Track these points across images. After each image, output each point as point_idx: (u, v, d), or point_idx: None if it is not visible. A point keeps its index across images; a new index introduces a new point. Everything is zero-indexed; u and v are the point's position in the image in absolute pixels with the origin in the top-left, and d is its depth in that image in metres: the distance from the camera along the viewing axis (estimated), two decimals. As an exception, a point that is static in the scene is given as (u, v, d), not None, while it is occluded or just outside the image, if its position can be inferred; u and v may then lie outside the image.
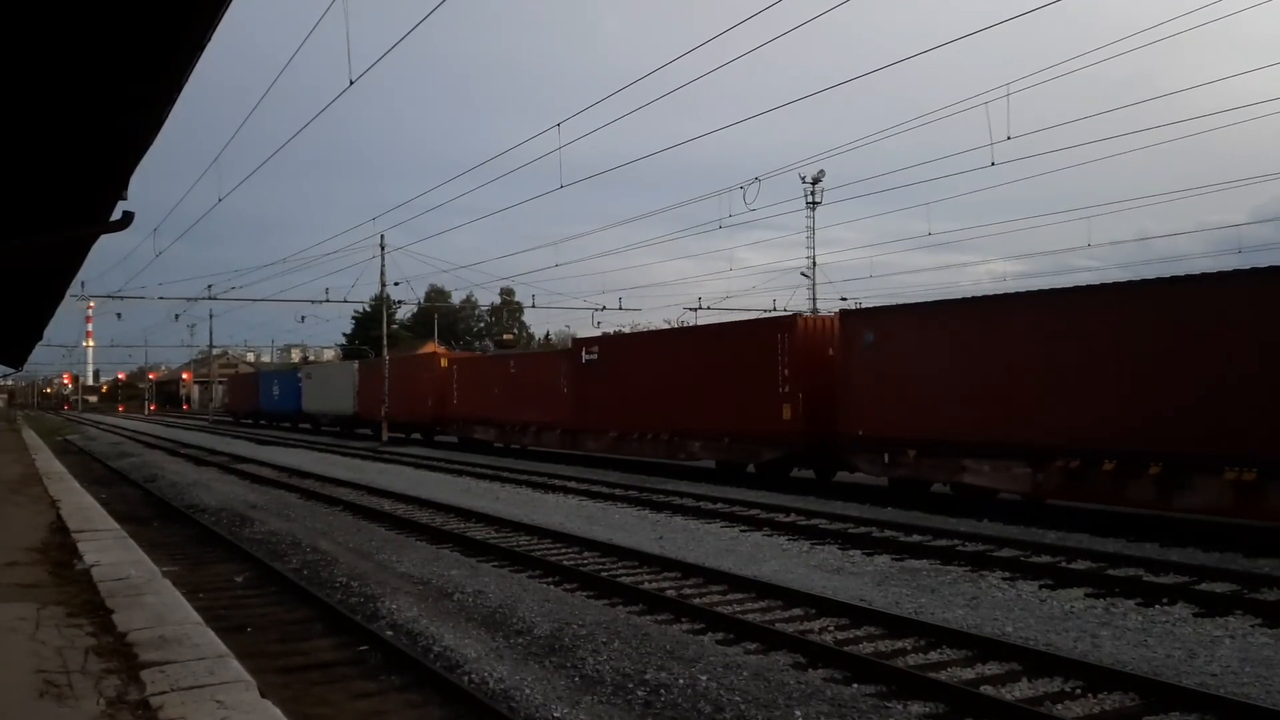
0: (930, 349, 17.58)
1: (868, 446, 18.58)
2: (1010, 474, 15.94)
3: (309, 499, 20.55)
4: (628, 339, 31.99)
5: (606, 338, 32.37)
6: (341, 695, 7.27)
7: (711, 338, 24.91)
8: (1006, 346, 16.14)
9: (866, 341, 18.71)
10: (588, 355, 28.98)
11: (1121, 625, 9.08)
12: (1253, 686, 7.19)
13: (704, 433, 23.46)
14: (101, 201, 7.89)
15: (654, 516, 17.00)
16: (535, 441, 32.10)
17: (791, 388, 20.58)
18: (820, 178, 45.83)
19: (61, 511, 13.43)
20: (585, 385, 28.69)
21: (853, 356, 19.09)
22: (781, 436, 20.90)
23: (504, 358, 39.91)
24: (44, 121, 5.96)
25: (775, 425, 20.80)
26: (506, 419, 33.58)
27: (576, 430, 29.10)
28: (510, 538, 14.72)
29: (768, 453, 21.54)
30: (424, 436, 41.97)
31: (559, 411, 29.91)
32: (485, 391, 35.13)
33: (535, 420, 31.55)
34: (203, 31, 4.46)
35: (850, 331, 19.37)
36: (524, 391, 32.34)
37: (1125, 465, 14.08)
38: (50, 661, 5.76)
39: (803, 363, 20.49)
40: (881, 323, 18.96)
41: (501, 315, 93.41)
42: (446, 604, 10.04)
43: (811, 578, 11.37)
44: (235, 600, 10.65)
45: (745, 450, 22.28)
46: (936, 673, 7.55)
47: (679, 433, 24.36)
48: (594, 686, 7.24)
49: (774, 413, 20.78)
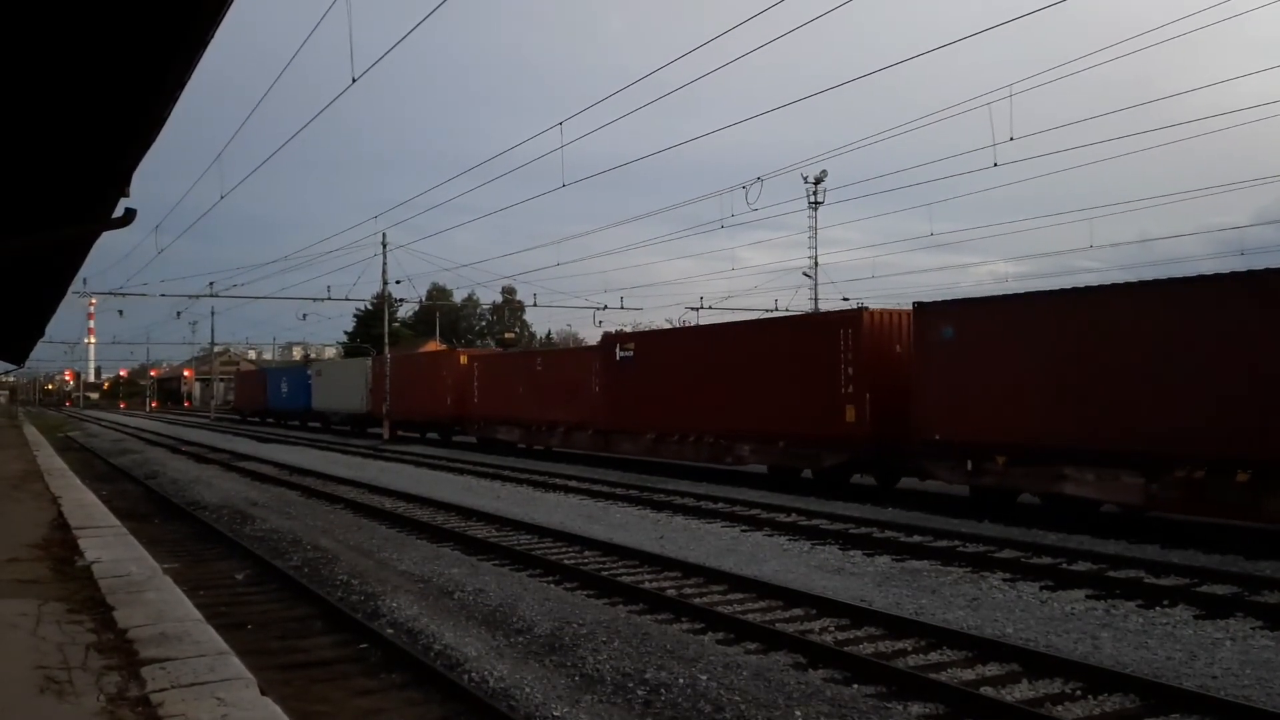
0: (1025, 344, 15.79)
1: (946, 452, 16.92)
2: (1118, 484, 14.32)
3: (310, 497, 20.56)
4: (667, 335, 29.88)
5: (643, 333, 30.60)
6: (342, 693, 7.27)
7: (764, 334, 23.09)
8: (1120, 341, 14.42)
9: (945, 336, 17.06)
10: (622, 352, 27.39)
11: (1122, 627, 9.08)
12: (1253, 689, 7.19)
13: (755, 435, 21.87)
14: (103, 198, 7.89)
15: (654, 516, 17.00)
16: (564, 443, 30.61)
17: (856, 388, 19.10)
18: (822, 178, 45.81)
19: (63, 508, 13.44)
20: (619, 384, 27.24)
21: (928, 353, 17.42)
22: (844, 440, 19.36)
23: (530, 355, 38.69)
24: (46, 119, 5.97)
25: (837, 428, 19.31)
26: (532, 419, 32.17)
27: (610, 431, 27.64)
28: (511, 536, 14.72)
29: (828, 458, 19.91)
30: (442, 436, 40.69)
31: (590, 411, 28.52)
32: (509, 390, 33.72)
33: (564, 420, 30.16)
34: (206, 29, 4.46)
35: (926, 326, 17.61)
36: (552, 390, 30.85)
37: (1264, 476, 12.50)
38: (51, 658, 5.76)
39: (868, 361, 19.01)
40: (964, 316, 17.11)
41: (503, 314, 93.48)
42: (447, 602, 10.05)
43: (812, 578, 11.37)
44: (236, 597, 10.66)
45: (802, 455, 20.67)
46: (937, 673, 7.55)
47: (726, 435, 22.82)
48: (594, 686, 7.24)
49: (836, 415, 19.30)
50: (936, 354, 17.24)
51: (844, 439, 19.36)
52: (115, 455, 33.92)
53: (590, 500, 19.45)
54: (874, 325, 19.42)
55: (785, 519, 16.00)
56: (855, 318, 19.69)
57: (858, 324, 19.42)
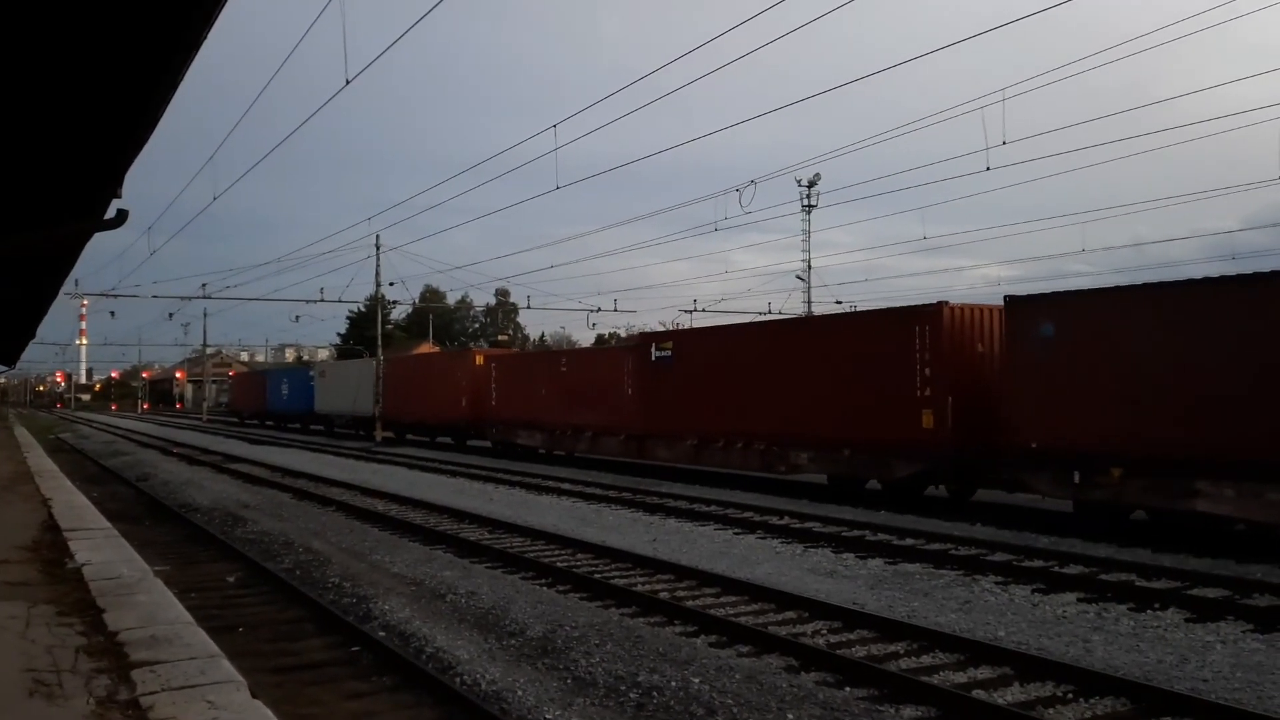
0: (1150, 341, 14.06)
1: (1047, 462, 15.15)
2: (1263, 500, 12.68)
3: (302, 499, 20.52)
4: (711, 333, 27.67)
5: (682, 332, 28.88)
6: (333, 696, 7.25)
7: (826, 331, 21.16)
8: None
9: (1044, 334, 15.39)
10: (659, 352, 25.64)
11: (1113, 630, 9.10)
12: (1244, 692, 7.21)
13: (814, 442, 20.02)
14: (96, 199, 7.86)
15: (647, 518, 16.99)
16: (592, 449, 28.79)
17: (934, 390, 17.49)
18: (816, 181, 45.99)
19: (53, 510, 13.40)
20: (655, 385, 25.49)
21: (1023, 352, 15.73)
22: (920, 448, 17.70)
23: (554, 355, 36.99)
24: (38, 119, 5.94)
25: (912, 434, 17.70)
26: (556, 423, 30.21)
27: (644, 436, 25.80)
28: (503, 539, 14.70)
29: (901, 467, 18.23)
30: (456, 441, 38.98)
31: (622, 415, 26.70)
32: (530, 392, 31.69)
33: (592, 424, 28.29)
34: (199, 30, 4.45)
35: (1020, 322, 15.93)
36: (579, 392, 28.98)
37: None
38: (40, 660, 5.74)
39: (948, 360, 17.42)
40: (1068, 310, 15.36)
41: (497, 316, 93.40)
42: (439, 605, 10.03)
43: (805, 581, 11.37)
44: (227, 600, 10.62)
45: (871, 464, 18.96)
46: (929, 676, 7.56)
47: (779, 442, 20.87)
48: (587, 688, 7.23)
49: (910, 420, 17.71)
50: (1033, 353, 15.56)
51: (920, 446, 17.73)
52: (106, 457, 33.81)
53: (583, 503, 19.44)
54: (954, 321, 17.75)
55: (778, 522, 16.01)
56: (934, 313, 17.87)
57: (936, 320, 17.71)
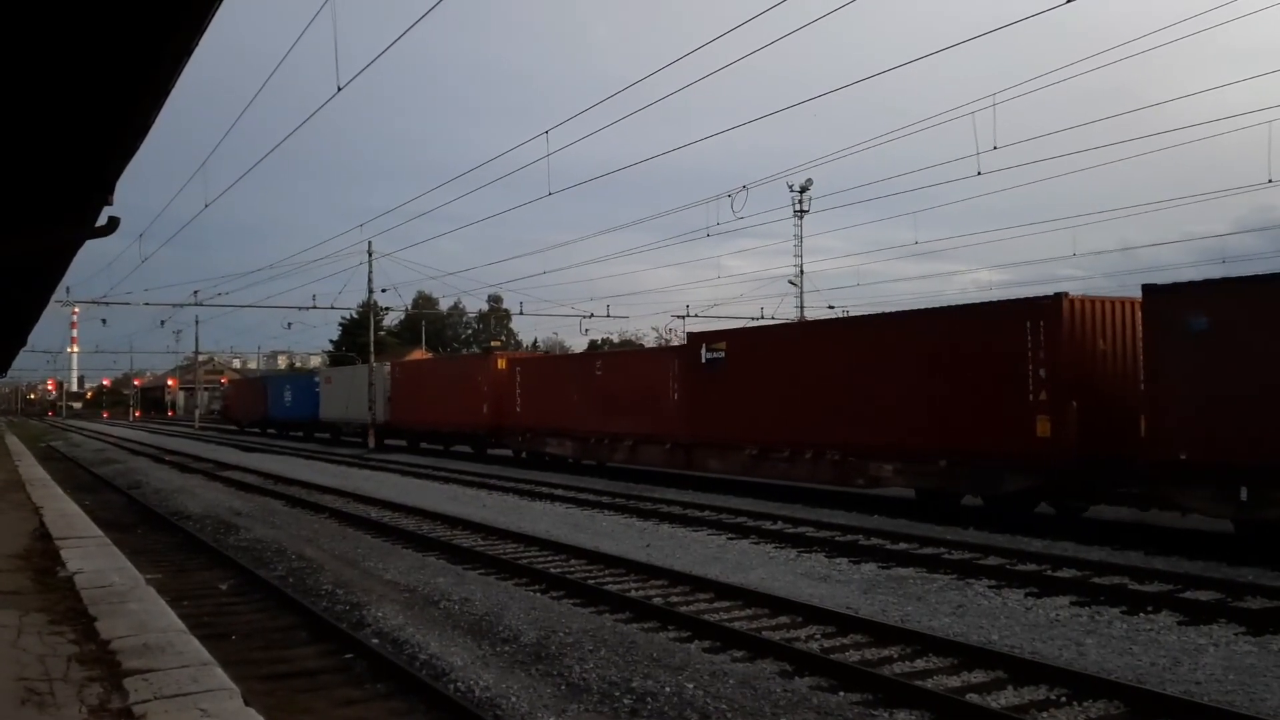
0: None
1: (1203, 476, 13.17)
2: None
3: (294, 506, 20.46)
4: (772, 331, 25.51)
5: (737, 331, 26.92)
6: (326, 703, 7.24)
7: (918, 329, 18.55)
8: None
9: (1196, 327, 13.50)
10: (710, 353, 23.60)
11: (1106, 633, 9.12)
12: (1236, 694, 7.23)
13: (901, 452, 17.92)
14: (87, 206, 7.85)
15: (641, 524, 16.99)
16: (631, 458, 26.66)
17: (1053, 394, 15.37)
18: (808, 186, 46.06)
19: (44, 518, 13.35)
20: (707, 390, 23.38)
21: (1170, 350, 13.79)
22: (1035, 459, 15.52)
23: (588, 357, 35.05)
24: (28, 125, 5.93)
25: (1025, 444, 15.58)
26: (590, 430, 28.04)
27: (692, 445, 23.83)
28: (497, 545, 14.68)
29: (1012, 481, 16.10)
30: (475, 450, 36.60)
31: (667, 422, 24.70)
32: (560, 398, 29.54)
33: (631, 432, 26.22)
34: (190, 38, 4.45)
35: (1164, 315, 13.89)
36: (616, 398, 26.98)
37: None
38: (32, 669, 5.72)
39: (1069, 360, 15.40)
40: (1227, 300, 13.31)
41: (489, 322, 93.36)
42: (432, 611, 10.02)
43: (798, 585, 11.38)
44: (219, 608, 10.59)
45: (972, 477, 16.78)
46: (922, 680, 7.57)
47: (857, 451, 18.82)
48: (580, 694, 7.22)
49: (1022, 427, 15.62)
50: (1183, 350, 13.62)
51: (1036, 457, 15.57)
52: (98, 465, 33.68)
53: (576, 509, 19.42)
54: (1075, 315, 15.64)
55: (772, 527, 16.01)
56: (1051, 307, 15.65)
57: (1055, 315, 15.54)
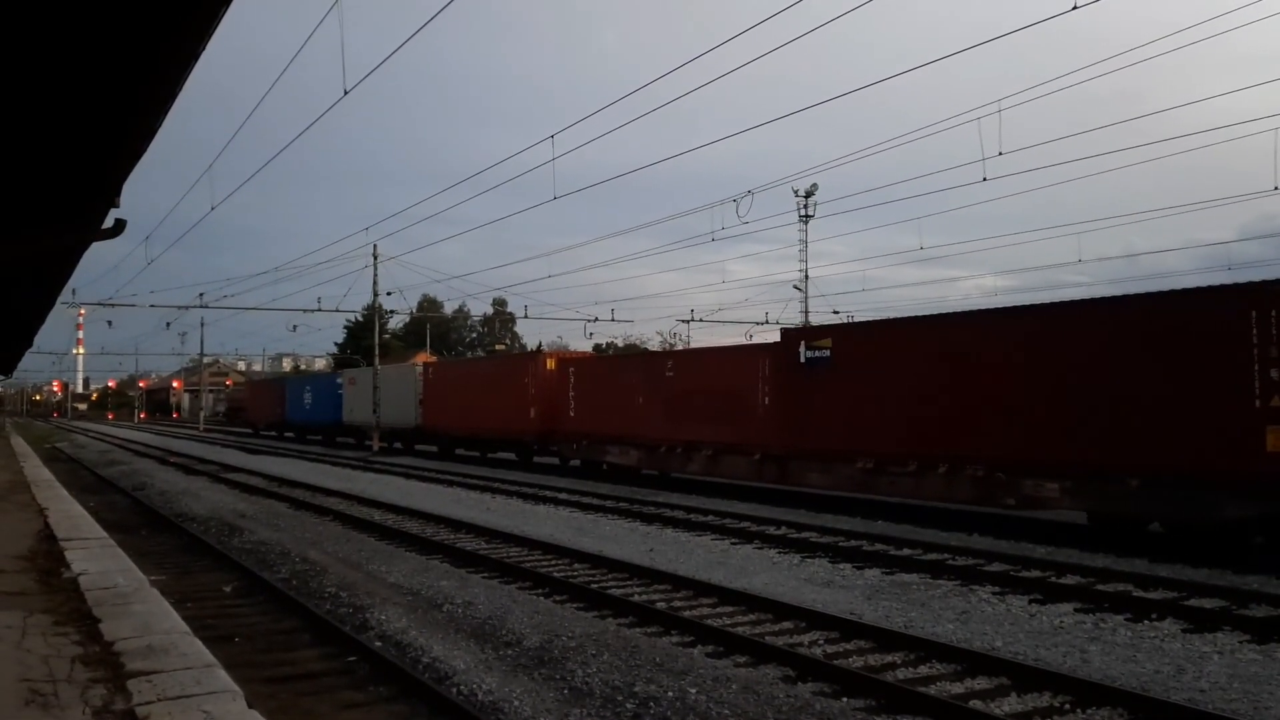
0: None
1: None
2: None
3: (299, 508, 20.48)
4: (889, 327, 21.02)
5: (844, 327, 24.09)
6: (329, 706, 7.24)
7: (1091, 322, 15.30)
8: None
9: None
10: (812, 351, 20.70)
11: (1110, 640, 9.10)
12: (1241, 703, 7.21)
13: (1071, 468, 15.05)
14: (93, 209, 7.87)
15: (644, 528, 16.98)
16: (710, 469, 23.68)
17: None
18: (813, 191, 46.07)
19: (49, 519, 13.37)
20: (805, 393, 20.49)
21: None
22: (1266, 482, 12.68)
23: (657, 357, 31.45)
24: (36, 128, 5.96)
25: (1245, 463, 12.83)
26: (660, 438, 25.23)
27: (786, 456, 20.95)
28: (500, 549, 14.69)
29: (1231, 507, 13.11)
30: (520, 457, 33.88)
31: (754, 430, 21.91)
32: (624, 401, 26.70)
33: (711, 441, 23.38)
34: (198, 41, 4.47)
35: None
36: (692, 402, 24.24)
37: None
38: (36, 670, 5.73)
39: None
40: None
41: (494, 325, 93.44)
42: (436, 615, 10.02)
43: (802, 591, 11.36)
44: (223, 610, 10.60)
45: (1175, 501, 13.74)
46: (926, 687, 7.55)
47: (1008, 466, 16.00)
48: (583, 699, 7.22)
49: (1245, 441, 12.85)
50: None
51: (1265, 480, 12.75)
52: (103, 466, 33.73)
53: (580, 513, 19.42)
54: None
55: (775, 532, 16.00)
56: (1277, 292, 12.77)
57: None
